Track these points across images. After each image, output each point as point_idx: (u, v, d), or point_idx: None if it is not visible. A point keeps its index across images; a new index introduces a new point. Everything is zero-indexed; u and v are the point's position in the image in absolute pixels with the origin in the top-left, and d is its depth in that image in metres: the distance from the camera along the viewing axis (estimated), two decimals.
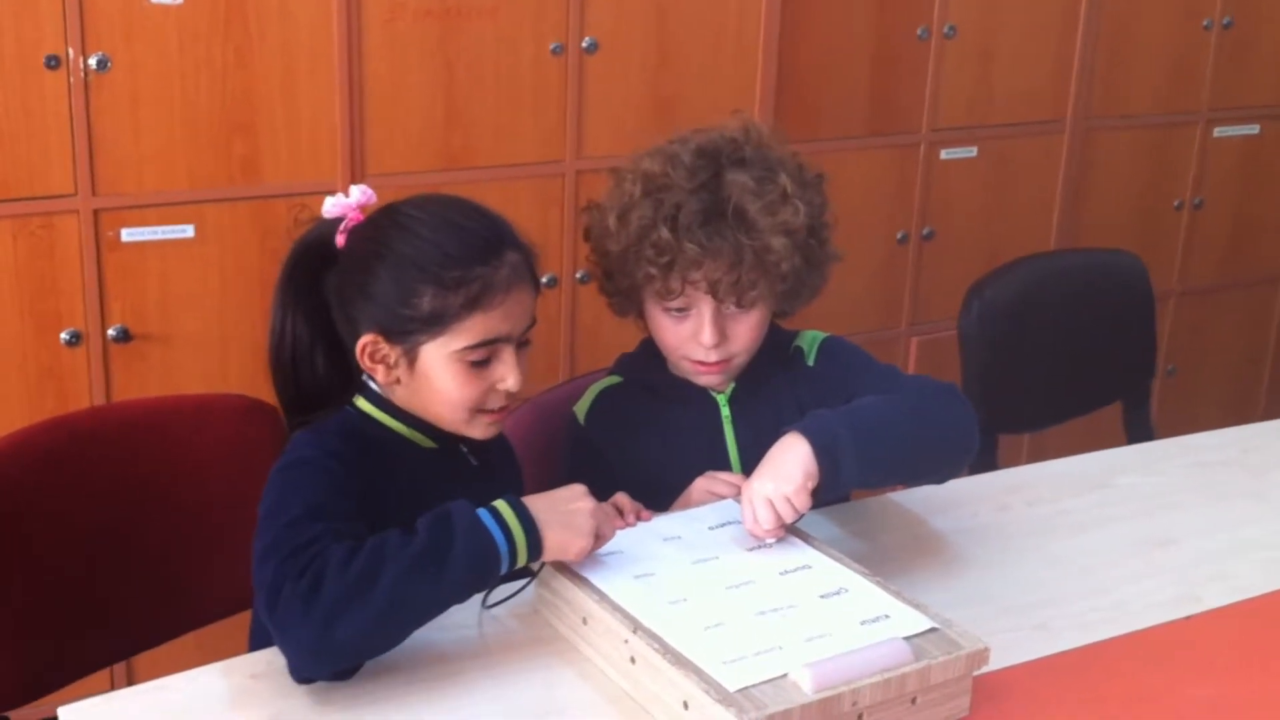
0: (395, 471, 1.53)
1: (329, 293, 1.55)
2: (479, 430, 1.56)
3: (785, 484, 1.51)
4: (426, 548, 1.35)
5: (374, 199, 1.56)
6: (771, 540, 1.54)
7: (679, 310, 1.72)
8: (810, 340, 1.83)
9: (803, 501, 1.52)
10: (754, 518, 1.53)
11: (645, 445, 1.78)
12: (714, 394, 1.79)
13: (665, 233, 1.66)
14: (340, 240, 1.54)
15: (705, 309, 1.70)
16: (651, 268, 1.69)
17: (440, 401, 1.53)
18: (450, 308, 1.47)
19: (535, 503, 1.43)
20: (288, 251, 1.57)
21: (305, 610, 1.30)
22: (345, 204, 1.55)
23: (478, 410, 1.53)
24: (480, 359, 1.50)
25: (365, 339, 1.51)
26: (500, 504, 1.41)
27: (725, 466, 1.75)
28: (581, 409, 1.84)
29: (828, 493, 1.55)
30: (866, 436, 1.56)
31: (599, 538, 1.45)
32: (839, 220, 1.81)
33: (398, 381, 1.53)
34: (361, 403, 1.57)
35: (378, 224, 1.54)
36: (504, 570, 1.39)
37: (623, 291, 1.77)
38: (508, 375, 1.52)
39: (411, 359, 1.51)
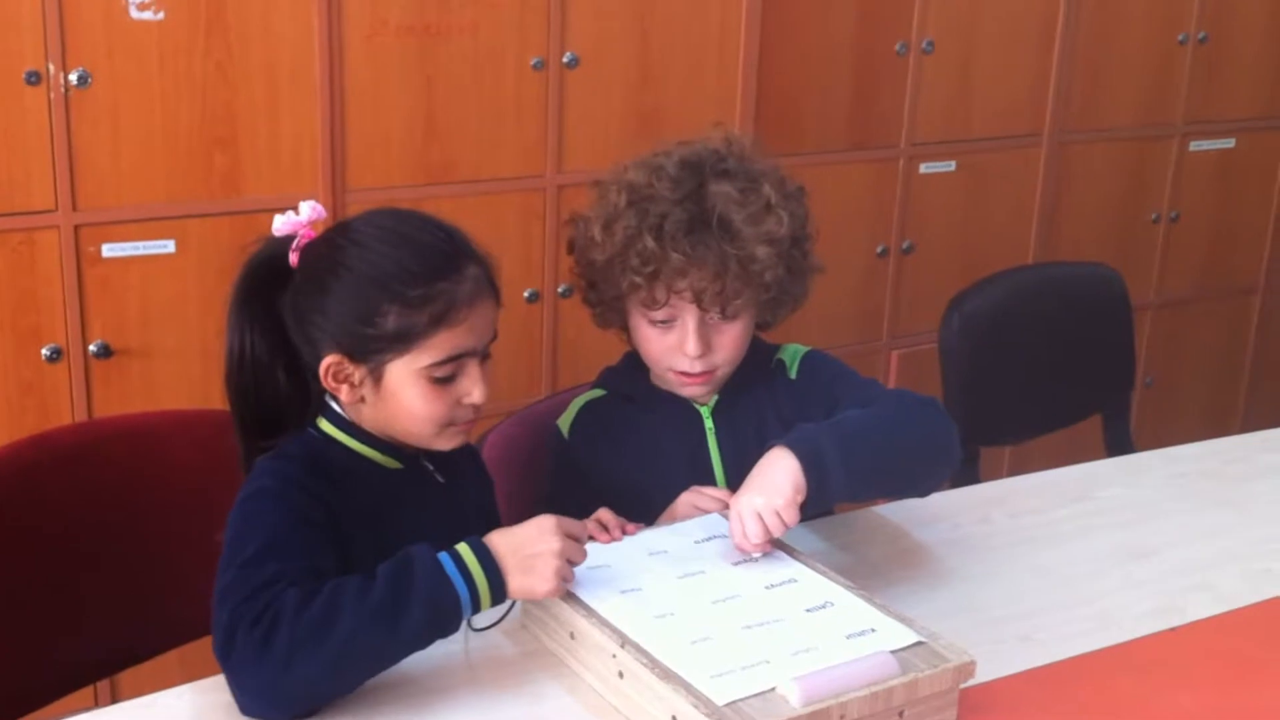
0: (360, 495, 1.50)
1: (285, 313, 1.50)
2: (445, 442, 1.53)
3: (775, 497, 1.52)
4: (385, 598, 1.33)
5: (324, 215, 1.53)
6: (758, 554, 1.55)
7: (663, 322, 1.73)
8: (792, 354, 1.84)
9: (791, 516, 1.52)
10: (742, 532, 1.53)
11: (628, 457, 1.79)
12: (697, 405, 1.80)
13: (650, 242, 1.67)
14: (294, 259, 1.50)
15: (689, 319, 1.71)
16: (636, 277, 1.69)
17: (407, 418, 1.50)
18: (416, 325, 1.45)
19: (500, 544, 1.39)
20: (238, 272, 1.52)
21: (258, 659, 1.29)
22: (295, 221, 1.50)
23: (445, 426, 1.51)
24: (445, 374, 1.48)
25: (329, 360, 1.48)
26: (463, 548, 1.38)
27: (709, 478, 1.75)
28: (565, 422, 1.84)
29: (814, 506, 1.55)
30: (852, 450, 1.57)
31: (565, 580, 1.42)
32: (819, 233, 1.81)
33: (362, 400, 1.50)
34: (324, 424, 1.54)
35: (333, 242, 1.50)
36: (466, 617, 1.37)
37: (606, 302, 1.77)
38: (473, 389, 1.50)
39: (377, 378, 1.48)
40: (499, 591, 1.38)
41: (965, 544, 1.77)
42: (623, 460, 1.78)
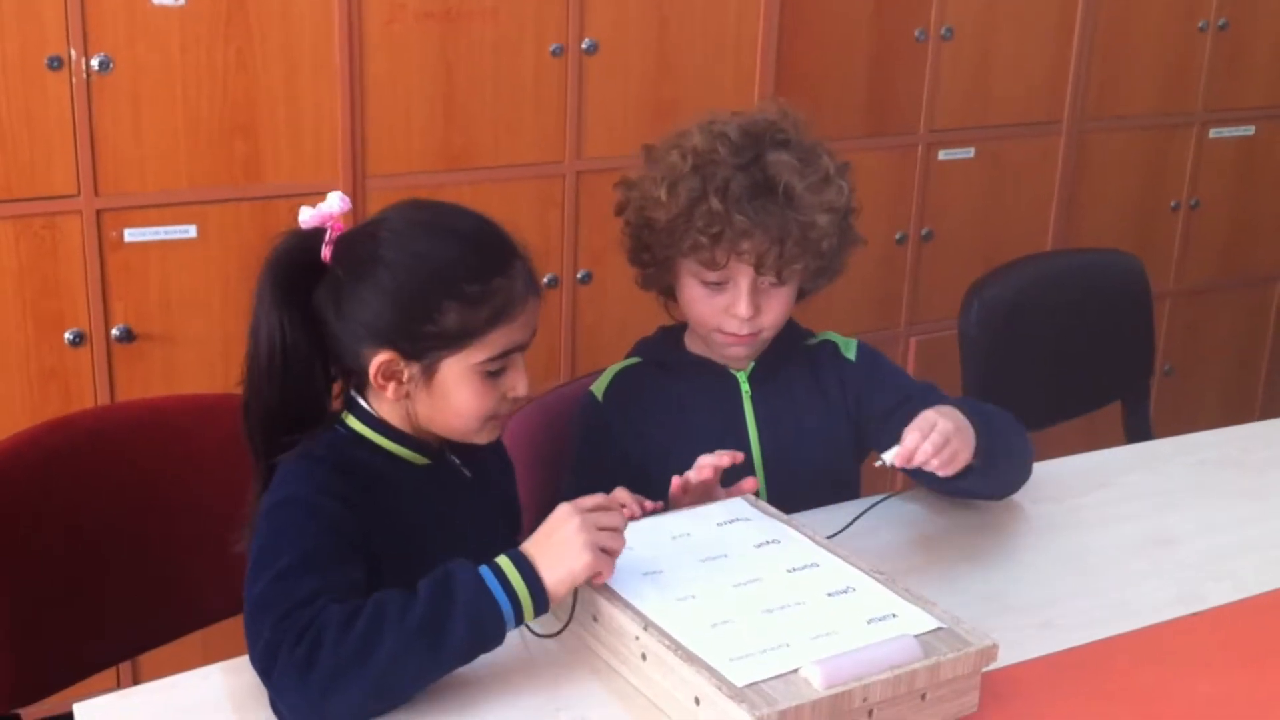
0: (388, 494, 1.48)
1: (324, 308, 1.46)
2: (486, 435, 1.53)
3: (963, 449, 1.59)
4: (427, 616, 1.31)
5: (350, 206, 1.49)
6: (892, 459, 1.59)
7: (716, 283, 1.76)
8: (841, 339, 1.90)
9: (950, 470, 1.58)
10: (924, 440, 1.57)
11: (662, 423, 1.81)
12: (734, 371, 1.83)
13: (716, 203, 1.71)
14: (326, 253, 1.46)
15: (743, 281, 1.75)
16: (702, 236, 1.72)
17: (454, 414, 1.49)
18: (475, 322, 1.43)
19: (530, 549, 1.37)
20: (263, 266, 1.46)
21: (301, 680, 1.28)
22: (325, 214, 1.46)
23: (489, 418, 1.51)
24: (497, 369, 1.48)
25: (382, 358, 1.44)
26: (504, 561, 1.35)
27: (744, 443, 1.79)
28: (599, 388, 1.86)
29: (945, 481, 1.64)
30: (999, 451, 1.66)
31: (606, 550, 1.38)
32: (861, 207, 1.87)
33: (408, 396, 1.48)
34: (352, 421, 1.52)
35: (374, 237, 1.46)
36: (508, 630, 1.35)
37: (659, 262, 1.80)
38: (519, 383, 1.50)
39: (429, 375, 1.46)
40: (540, 600, 1.35)
41: (986, 530, 1.78)
42: (656, 426, 1.81)
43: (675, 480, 1.63)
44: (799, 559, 1.52)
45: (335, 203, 1.47)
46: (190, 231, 2.46)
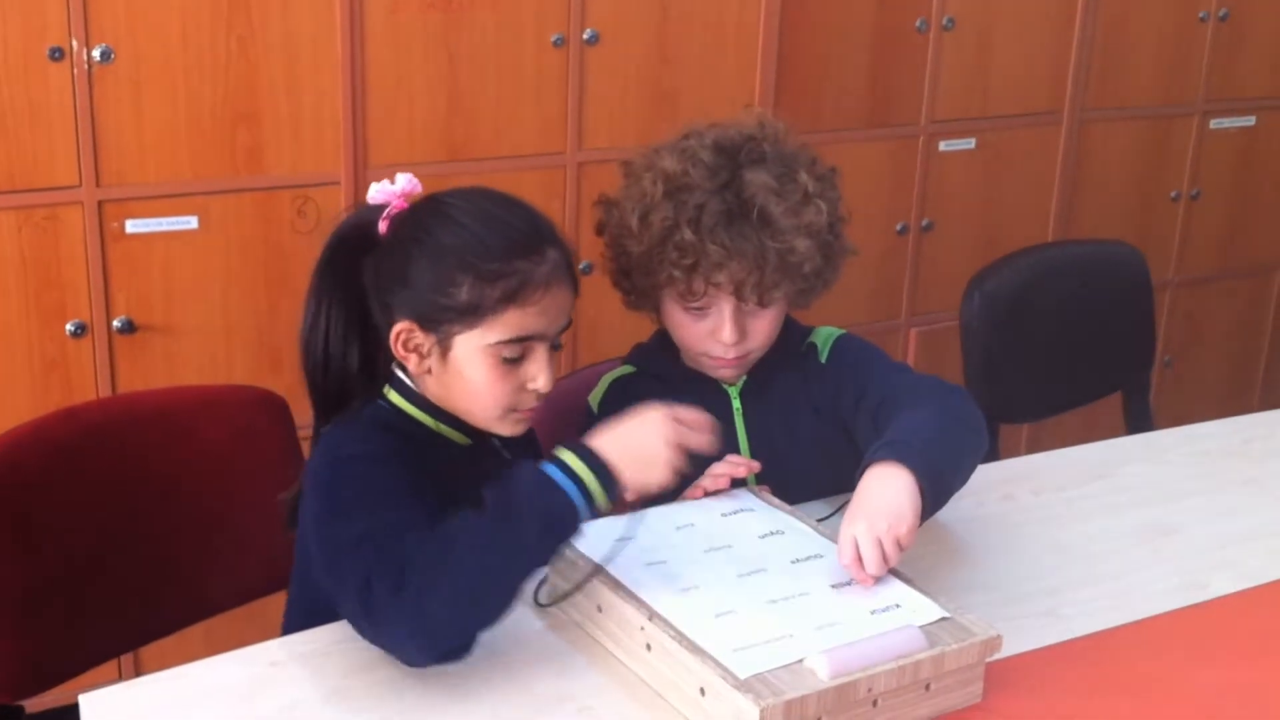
0: (430, 467, 1.50)
1: (367, 279, 1.53)
2: (508, 428, 1.54)
3: (899, 524, 1.44)
4: (496, 518, 1.35)
5: (419, 188, 1.54)
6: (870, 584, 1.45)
7: (698, 309, 1.73)
8: (825, 337, 1.83)
9: (911, 541, 1.44)
10: (858, 559, 1.43)
11: None
12: (725, 386, 1.80)
13: (689, 234, 1.66)
14: (383, 227, 1.52)
15: (726, 307, 1.70)
16: (675, 270, 1.68)
17: (470, 396, 1.51)
18: (487, 299, 1.46)
19: (607, 444, 1.40)
20: (328, 237, 1.55)
21: (396, 606, 1.32)
22: (390, 191, 1.52)
23: (508, 410, 1.52)
24: (513, 355, 1.49)
25: (400, 326, 1.49)
26: (565, 453, 1.39)
27: None
28: (595, 398, 1.84)
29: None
30: (943, 465, 1.54)
31: (679, 471, 1.41)
32: (850, 215, 1.81)
33: (429, 372, 1.52)
34: (393, 396, 1.56)
35: (420, 212, 1.52)
36: (585, 517, 1.37)
37: (640, 290, 1.77)
38: (539, 375, 1.50)
39: (445, 349, 1.49)
40: (611, 488, 1.38)
41: (989, 521, 1.78)
42: None
43: (693, 490, 1.63)
44: (803, 550, 1.52)
45: (402, 182, 1.53)
46: (192, 222, 2.46)
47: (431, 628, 1.34)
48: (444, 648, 1.38)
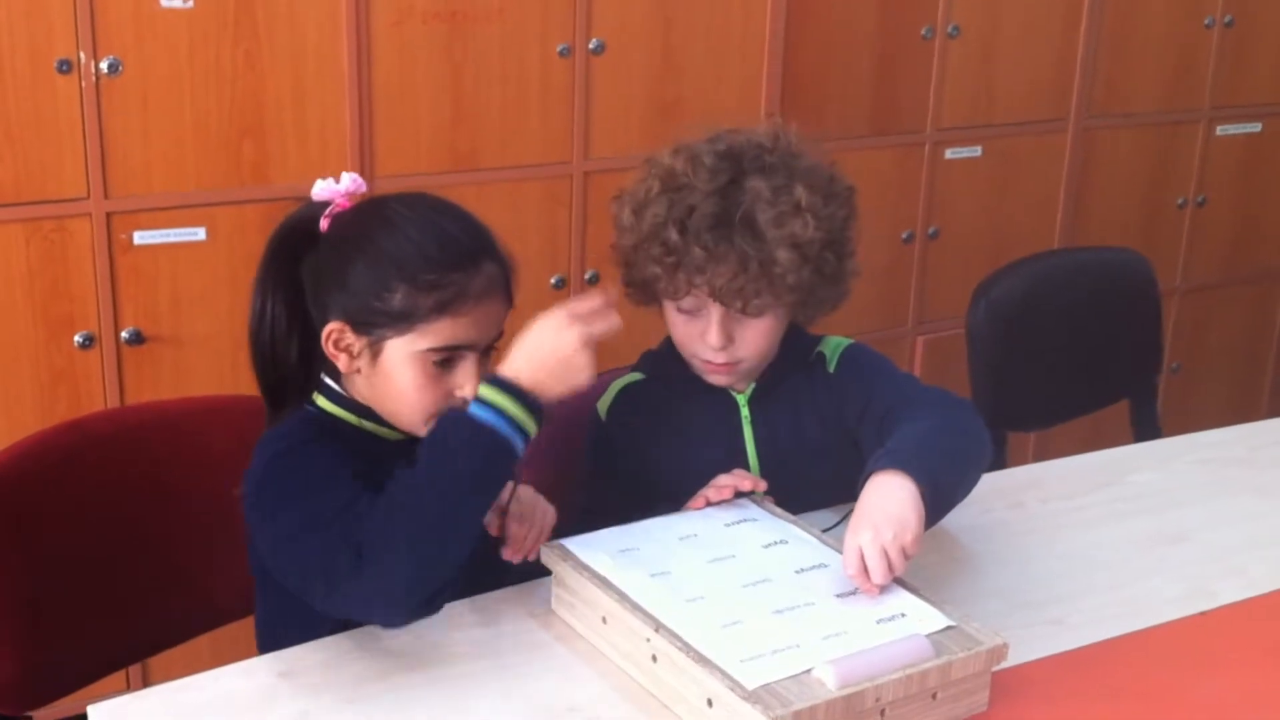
0: (360, 463, 1.51)
1: (305, 275, 1.55)
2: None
3: (904, 532, 1.44)
4: (429, 466, 1.38)
5: (364, 188, 1.56)
6: (876, 593, 1.45)
7: (689, 310, 1.73)
8: (833, 347, 1.82)
9: (917, 550, 1.45)
10: (863, 569, 1.43)
11: (664, 442, 1.79)
12: (734, 394, 1.80)
13: (674, 234, 1.67)
14: (324, 224, 1.54)
15: (714, 311, 1.70)
16: (658, 267, 1.69)
17: (397, 399, 1.52)
18: (420, 308, 1.48)
19: (523, 365, 1.43)
20: (272, 230, 1.57)
21: (358, 572, 1.35)
22: (334, 189, 1.54)
23: (434, 416, 1.51)
24: (441, 360, 1.50)
25: (332, 325, 1.51)
26: (483, 388, 1.42)
27: (743, 466, 1.75)
28: (603, 405, 1.85)
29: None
30: (945, 474, 1.54)
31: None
32: (862, 234, 1.80)
33: (358, 372, 1.53)
34: (321, 401, 1.57)
35: (363, 214, 1.53)
36: (518, 445, 1.40)
37: (637, 284, 1.78)
38: (466, 383, 1.51)
39: (375, 352, 1.51)
40: (536, 409, 1.42)
41: (996, 529, 1.78)
42: (658, 445, 1.79)
43: (697, 500, 1.64)
44: (807, 559, 1.52)
45: (346, 181, 1.55)
46: (199, 234, 2.46)
47: (397, 588, 1.36)
48: (413, 604, 1.40)
